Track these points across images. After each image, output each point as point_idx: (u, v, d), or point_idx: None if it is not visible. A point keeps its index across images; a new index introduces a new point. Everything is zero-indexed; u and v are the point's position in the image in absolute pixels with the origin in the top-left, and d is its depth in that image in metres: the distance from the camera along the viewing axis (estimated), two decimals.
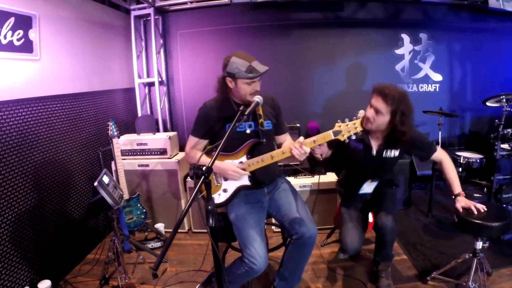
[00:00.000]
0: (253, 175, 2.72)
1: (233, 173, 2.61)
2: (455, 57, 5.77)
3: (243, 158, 2.68)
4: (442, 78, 5.70)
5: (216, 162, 2.61)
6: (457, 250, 3.73)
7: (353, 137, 2.43)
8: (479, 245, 2.88)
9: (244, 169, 2.63)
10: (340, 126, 2.43)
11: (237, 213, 2.70)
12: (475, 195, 5.18)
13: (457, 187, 2.96)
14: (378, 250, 3.22)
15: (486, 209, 2.77)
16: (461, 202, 2.86)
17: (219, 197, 2.78)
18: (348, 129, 2.41)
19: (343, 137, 2.42)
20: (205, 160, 2.60)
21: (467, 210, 2.81)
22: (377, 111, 2.79)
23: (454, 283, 3.18)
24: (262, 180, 2.81)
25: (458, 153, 4.44)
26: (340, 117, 2.53)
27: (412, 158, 5.07)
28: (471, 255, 2.96)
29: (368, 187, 3.16)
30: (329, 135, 2.44)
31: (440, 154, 3.04)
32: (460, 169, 4.35)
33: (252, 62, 2.50)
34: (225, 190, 2.77)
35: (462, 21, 5.72)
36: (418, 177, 5.41)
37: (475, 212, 2.74)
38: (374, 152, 3.04)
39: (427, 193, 4.93)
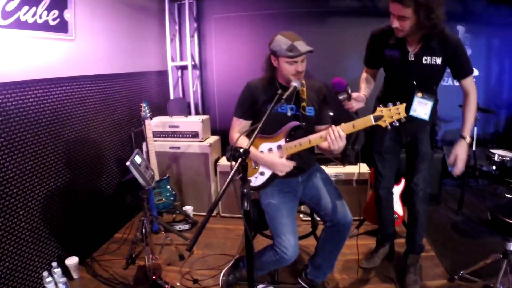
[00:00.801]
0: (291, 160, 2.58)
1: (280, 166, 2.50)
2: (493, 52, 5.48)
3: (282, 141, 2.55)
4: (479, 73, 5.43)
5: (262, 155, 2.58)
6: (486, 250, 3.51)
7: (396, 124, 2.20)
8: (511, 246, 2.72)
9: (288, 159, 2.52)
10: (382, 111, 2.21)
11: (271, 201, 2.62)
12: (506, 195, 4.95)
13: (466, 128, 2.72)
14: (409, 230, 3.16)
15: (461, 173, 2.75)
16: (457, 149, 2.73)
17: (256, 180, 2.66)
18: (390, 114, 2.19)
19: (384, 123, 2.21)
20: (246, 142, 2.46)
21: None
22: (400, 18, 2.42)
23: (482, 284, 3.01)
24: (300, 165, 2.66)
25: (492, 151, 4.23)
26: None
27: (444, 153, 4.86)
28: (501, 256, 2.80)
29: (420, 107, 2.67)
30: (369, 120, 2.24)
31: (471, 84, 2.68)
32: (494, 167, 4.14)
33: (295, 42, 2.40)
34: (262, 173, 2.64)
35: (502, 15, 5.43)
36: (449, 173, 5.19)
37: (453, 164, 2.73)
38: (412, 57, 2.64)
39: (457, 191, 4.69)
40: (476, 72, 5.35)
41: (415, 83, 2.66)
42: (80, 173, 3.55)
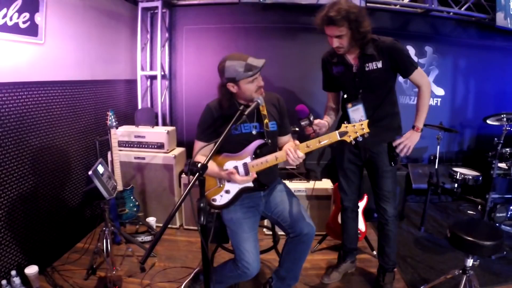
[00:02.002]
0: (256, 177, 2.69)
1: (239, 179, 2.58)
2: (459, 73, 5.82)
3: (248, 159, 2.65)
4: (445, 92, 5.74)
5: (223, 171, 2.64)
6: (447, 266, 3.73)
7: (360, 139, 2.41)
8: (470, 262, 2.88)
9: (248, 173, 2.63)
10: (346, 127, 2.42)
11: (233, 216, 2.70)
12: (468, 212, 5.23)
13: (418, 119, 3.00)
14: (382, 249, 3.34)
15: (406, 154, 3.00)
16: (406, 135, 2.99)
17: (221, 199, 2.74)
18: (354, 129, 2.40)
19: (349, 138, 2.41)
20: (211, 163, 2.60)
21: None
22: (337, 37, 2.75)
23: None
24: (265, 182, 2.79)
25: (455, 169, 4.46)
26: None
27: (408, 171, 5.10)
28: (460, 271, 2.95)
29: (355, 114, 3.00)
30: (335, 135, 2.43)
31: (420, 78, 2.96)
32: (456, 185, 4.37)
33: (247, 60, 2.47)
34: (227, 191, 2.72)
35: (469, 37, 5.76)
36: (413, 190, 5.43)
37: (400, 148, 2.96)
38: (355, 68, 2.96)
39: (420, 207, 4.93)
40: (442, 92, 5.68)
41: (361, 91, 2.96)
42: (43, 180, 3.55)
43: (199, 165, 1.91)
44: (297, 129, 4.21)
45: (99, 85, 4.50)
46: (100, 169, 3.25)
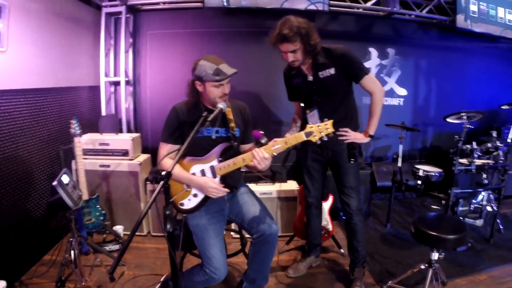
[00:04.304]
0: (224, 180, 2.77)
1: (213, 191, 2.65)
2: (420, 73, 6.06)
3: (214, 162, 2.72)
4: (407, 92, 5.97)
5: (194, 177, 2.72)
6: (414, 260, 3.91)
7: (325, 138, 2.51)
8: (435, 256, 3.02)
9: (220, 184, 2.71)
10: (311, 127, 2.51)
11: (199, 222, 2.75)
12: (433, 206, 5.45)
13: (369, 126, 3.22)
14: (351, 244, 3.52)
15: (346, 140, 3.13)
16: (353, 132, 3.16)
17: (189, 202, 2.78)
18: (319, 130, 2.49)
19: (315, 138, 2.50)
20: (176, 167, 2.67)
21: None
22: (291, 51, 2.96)
23: None
24: (233, 184, 2.88)
25: (417, 166, 4.60)
26: None
27: (373, 169, 5.26)
28: (426, 265, 3.08)
29: (313, 119, 3.19)
30: (301, 136, 2.51)
31: (371, 85, 3.15)
32: (419, 182, 4.52)
33: (219, 65, 2.57)
34: (195, 195, 2.77)
35: (430, 38, 6.00)
36: (378, 188, 5.60)
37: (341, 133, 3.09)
38: (311, 77, 3.17)
39: (386, 204, 5.12)
40: (404, 92, 5.87)
41: (315, 98, 3.19)
42: (7, 191, 3.50)
43: (163, 173, 1.97)
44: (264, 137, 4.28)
45: (63, 92, 4.46)
46: (65, 179, 3.26)
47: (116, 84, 5.58)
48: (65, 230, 4.10)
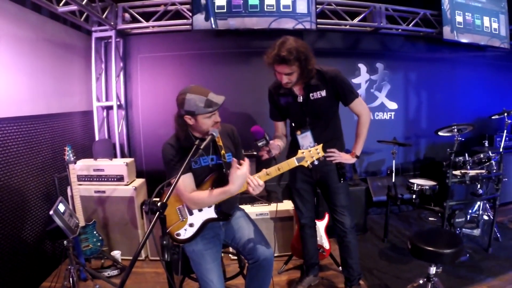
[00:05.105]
0: (219, 207, 2.78)
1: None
2: (410, 86, 6.16)
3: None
4: (398, 106, 6.06)
5: (231, 178, 2.57)
6: (413, 274, 3.92)
7: (316, 162, 2.58)
8: (433, 270, 3.03)
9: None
10: (303, 152, 2.59)
11: (195, 248, 2.74)
12: (430, 219, 5.49)
13: (355, 146, 3.27)
14: (345, 262, 3.51)
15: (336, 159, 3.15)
16: (340, 152, 3.19)
17: (186, 232, 2.75)
18: (310, 155, 2.58)
19: (306, 163, 2.58)
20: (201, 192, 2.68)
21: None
22: (288, 74, 2.95)
23: None
24: (227, 211, 2.88)
25: (411, 180, 4.63)
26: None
27: (368, 185, 5.31)
28: (425, 279, 3.11)
29: (305, 141, 3.17)
30: (293, 162, 2.58)
31: (360, 108, 3.22)
32: (414, 196, 4.55)
33: (208, 95, 2.53)
34: (191, 225, 2.76)
35: (417, 51, 6.11)
36: (374, 203, 5.64)
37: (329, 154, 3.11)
38: (301, 98, 3.18)
39: (383, 218, 5.12)
40: (395, 106, 5.95)
41: (308, 119, 3.20)
42: (2, 220, 3.50)
43: (158, 204, 1.98)
44: (255, 153, 4.32)
45: (55, 118, 4.48)
46: (61, 207, 3.28)
47: (109, 108, 5.61)
48: (63, 256, 4.10)
